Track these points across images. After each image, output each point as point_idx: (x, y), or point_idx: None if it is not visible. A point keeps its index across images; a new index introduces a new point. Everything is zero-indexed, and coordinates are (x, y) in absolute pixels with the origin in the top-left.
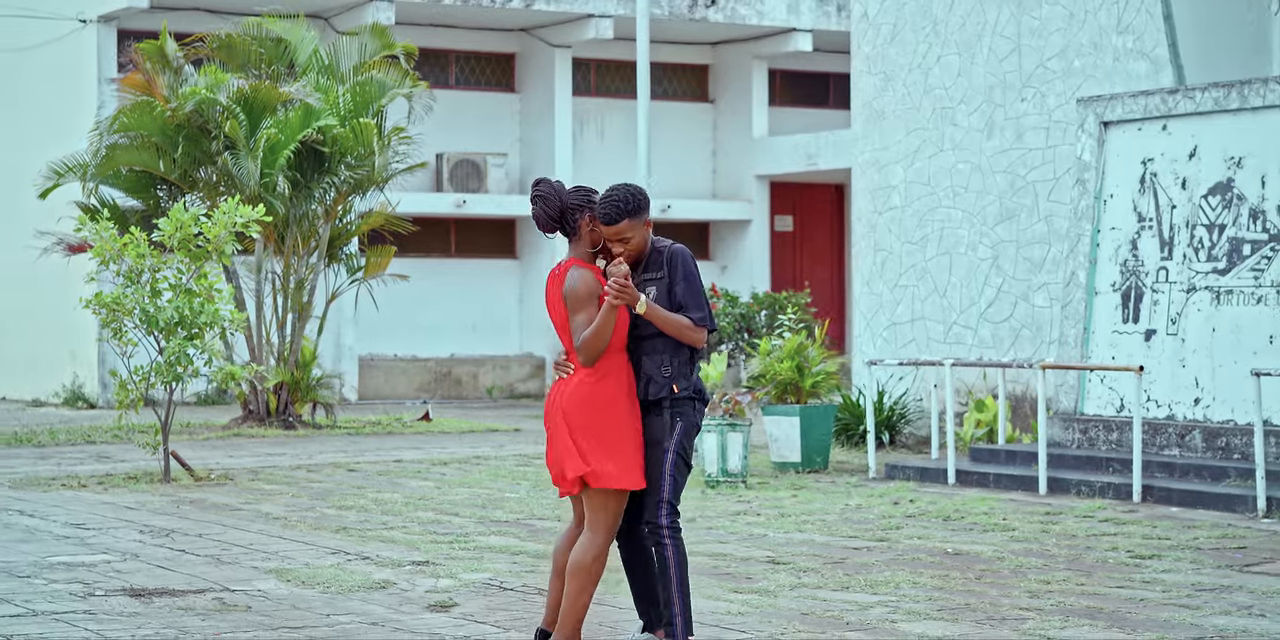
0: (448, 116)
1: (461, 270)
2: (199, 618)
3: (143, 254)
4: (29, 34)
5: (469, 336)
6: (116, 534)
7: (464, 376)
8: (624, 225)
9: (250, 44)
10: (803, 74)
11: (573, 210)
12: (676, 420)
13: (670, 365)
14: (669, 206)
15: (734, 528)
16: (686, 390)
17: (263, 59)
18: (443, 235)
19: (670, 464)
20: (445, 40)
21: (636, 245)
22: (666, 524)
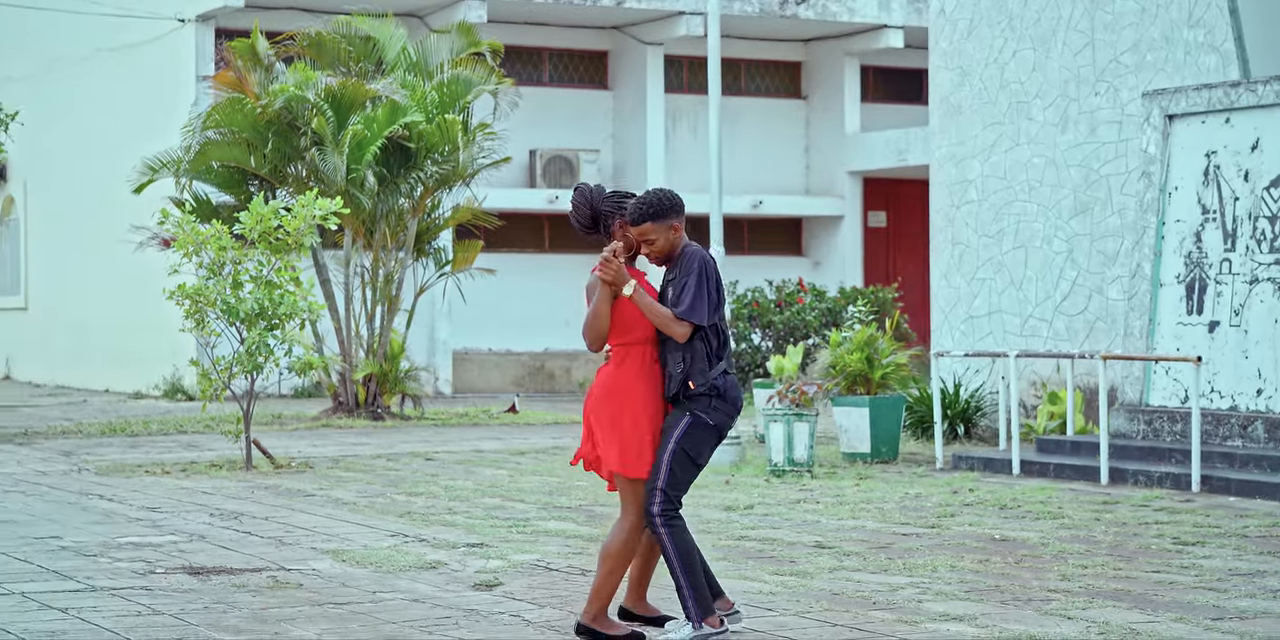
0: (541, 113)
1: (555, 265)
2: (250, 594)
3: (224, 246)
4: (129, 33)
5: (562, 331)
6: (187, 517)
7: (557, 371)
8: (647, 227)
9: (339, 42)
10: (894, 70)
11: (606, 216)
12: (687, 415)
13: (684, 362)
14: (760, 202)
15: (789, 514)
16: (703, 387)
17: (351, 57)
18: (536, 231)
19: (670, 453)
20: (539, 38)
21: (660, 247)
22: (657, 511)
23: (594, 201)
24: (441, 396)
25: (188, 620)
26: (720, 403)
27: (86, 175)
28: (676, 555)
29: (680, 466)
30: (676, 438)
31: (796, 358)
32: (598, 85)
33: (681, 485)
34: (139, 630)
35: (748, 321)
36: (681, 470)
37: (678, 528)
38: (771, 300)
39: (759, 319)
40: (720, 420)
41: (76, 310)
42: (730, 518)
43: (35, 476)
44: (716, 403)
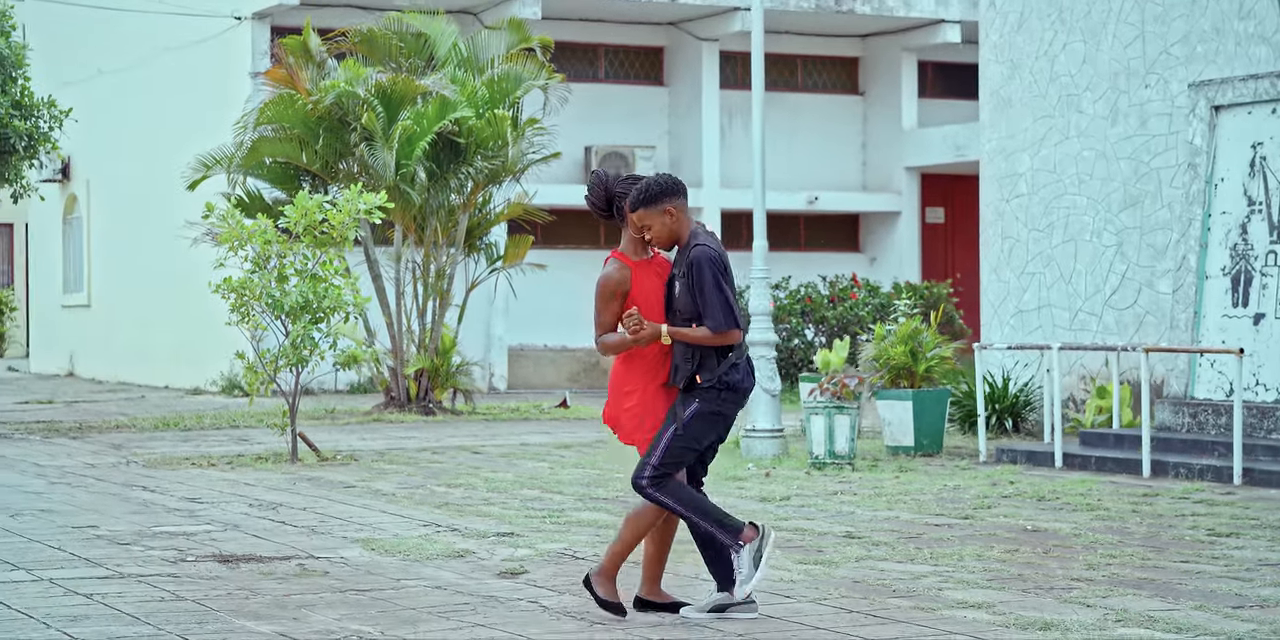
0: (596, 110)
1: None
2: (275, 581)
3: (269, 240)
4: (187, 32)
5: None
6: (226, 507)
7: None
8: (640, 213)
9: (390, 38)
10: (952, 65)
11: (619, 198)
12: (693, 402)
13: (694, 358)
14: (816, 198)
15: (825, 506)
16: (710, 381)
17: (402, 53)
18: (591, 227)
19: (671, 433)
20: (594, 34)
21: (659, 233)
22: (646, 484)
23: (608, 185)
24: (496, 392)
25: (210, 605)
26: (729, 394)
27: (145, 173)
28: (677, 503)
29: (678, 448)
30: (684, 421)
31: (843, 352)
32: (653, 81)
33: (674, 465)
34: (159, 614)
35: (800, 317)
36: (678, 451)
37: (669, 485)
38: (824, 296)
39: (811, 314)
40: (728, 409)
41: (137, 307)
42: (765, 509)
43: (83, 469)
44: (726, 394)
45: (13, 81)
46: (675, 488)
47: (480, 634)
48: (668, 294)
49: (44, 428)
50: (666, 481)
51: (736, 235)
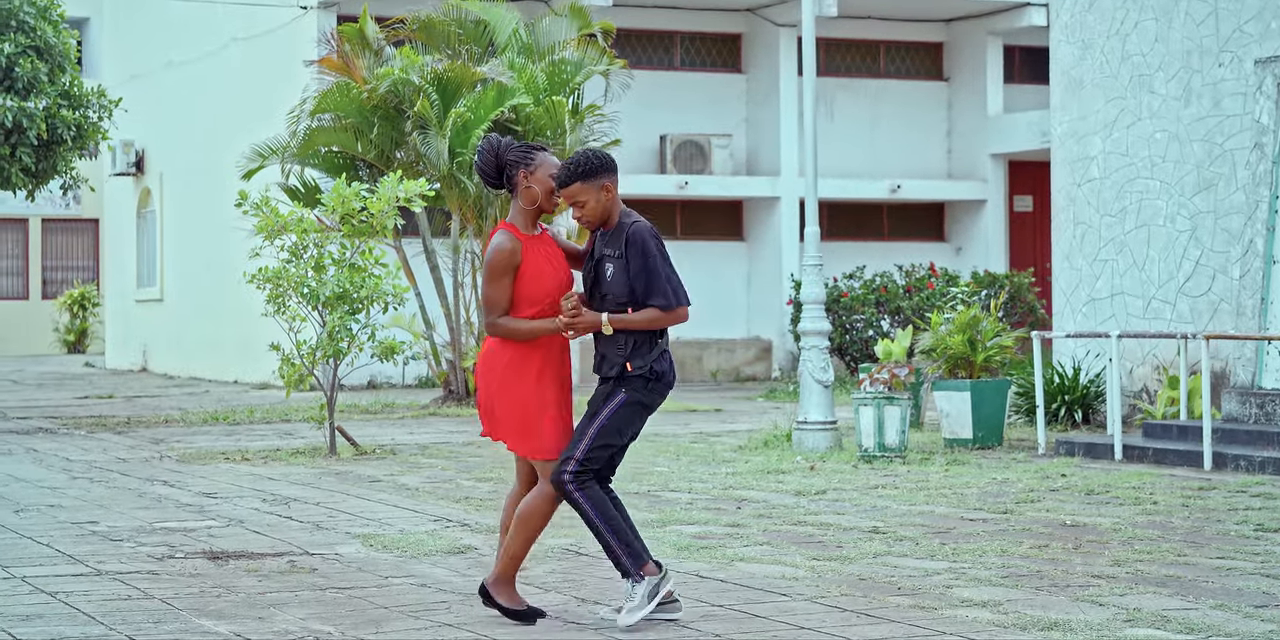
0: (672, 98)
1: (686, 252)
2: (257, 579)
3: (306, 229)
4: (257, 23)
5: (694, 319)
6: (238, 503)
7: (688, 359)
8: (575, 187)
9: (449, 25)
10: (1038, 49)
11: (510, 165)
12: (619, 391)
13: (626, 346)
14: (899, 187)
15: (860, 500)
16: (641, 369)
17: (461, 40)
18: (667, 217)
19: (598, 428)
20: (670, 21)
21: (592, 210)
22: (569, 480)
23: (499, 151)
24: None
25: (175, 605)
26: (656, 384)
27: (213, 165)
28: (595, 513)
29: (603, 440)
30: (608, 414)
31: (905, 341)
32: (730, 69)
33: (599, 459)
34: (117, 614)
35: (875, 307)
36: (603, 444)
37: (589, 487)
38: (900, 285)
39: (886, 305)
40: (654, 400)
41: (208, 301)
42: (797, 503)
43: (113, 463)
44: (653, 385)
45: (61, 71)
46: (597, 493)
47: (445, 634)
48: (593, 277)
49: (92, 422)
50: (590, 480)
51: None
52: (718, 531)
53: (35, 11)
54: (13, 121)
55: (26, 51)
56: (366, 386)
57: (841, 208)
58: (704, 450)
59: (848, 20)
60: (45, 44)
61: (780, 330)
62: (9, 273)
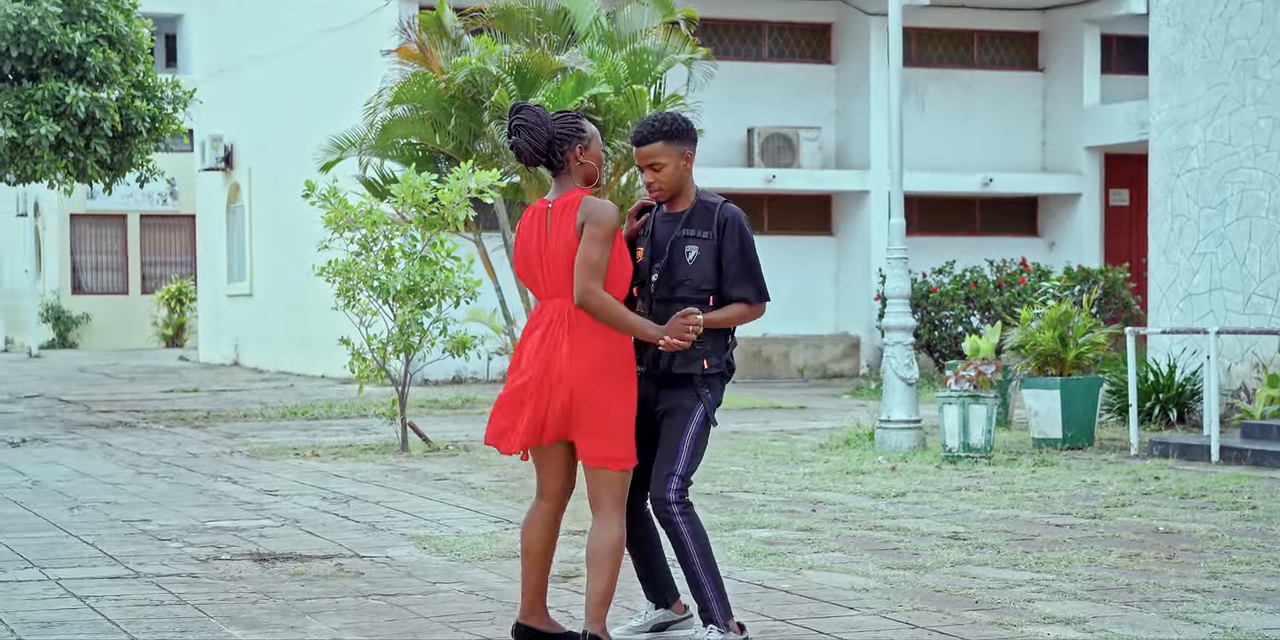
0: (759, 90)
1: (774, 247)
2: (299, 583)
3: (375, 222)
4: (340, 13)
5: (781, 315)
6: (298, 501)
7: (774, 355)
8: (657, 147)
9: (529, 14)
10: (1136, 38)
11: (561, 141)
12: (705, 393)
13: (705, 341)
14: (991, 180)
15: (941, 503)
16: (718, 367)
17: (540, 28)
18: (754, 211)
19: (691, 438)
20: (757, 11)
21: (669, 176)
22: (675, 499)
23: (549, 124)
24: None
25: (207, 612)
26: (728, 382)
27: (298, 159)
28: (697, 548)
29: (699, 450)
30: (699, 421)
31: (993, 338)
32: (820, 60)
33: (696, 468)
34: (143, 622)
35: (964, 303)
36: (699, 453)
37: (695, 516)
38: (990, 281)
39: (976, 300)
40: (724, 396)
41: (294, 296)
42: (875, 506)
43: (182, 458)
44: (726, 380)
45: (134, 62)
46: (699, 525)
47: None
48: (666, 259)
49: (172, 417)
50: (691, 503)
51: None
52: (789, 536)
53: (107, 0)
54: (86, 112)
55: (98, 41)
56: (451, 381)
57: (932, 202)
58: (783, 449)
59: (940, 9)
60: (117, 33)
61: (869, 326)
62: (109, 268)
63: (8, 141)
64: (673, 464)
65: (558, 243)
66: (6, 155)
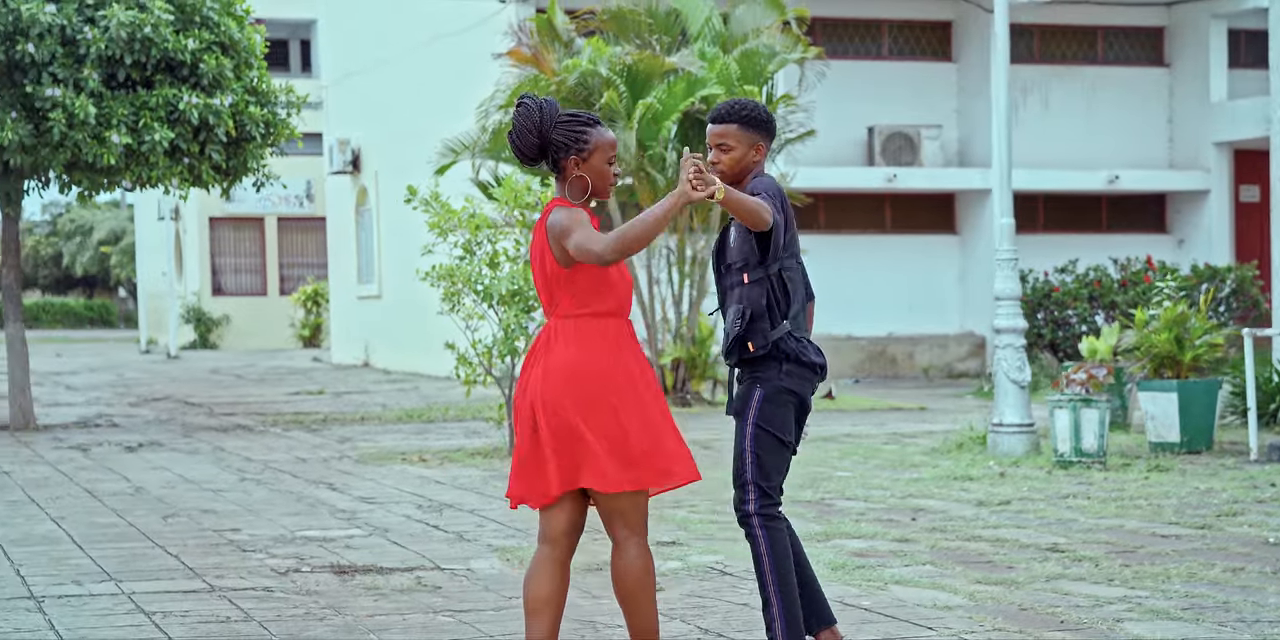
0: (879, 88)
1: (897, 246)
2: (373, 599)
3: (479, 225)
4: (461, 17)
5: (905, 314)
6: (392, 509)
7: (899, 355)
8: (731, 129)
9: (640, 15)
10: (1264, 33)
11: (558, 148)
12: (755, 387)
13: (742, 318)
14: (1117, 177)
15: (1046, 511)
16: (764, 349)
17: (651, 29)
18: (876, 210)
19: (750, 439)
20: (877, 9)
21: (734, 160)
22: (754, 510)
23: (542, 124)
24: None
25: (271, 630)
26: (794, 366)
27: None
28: (772, 565)
29: (766, 450)
30: (753, 419)
31: (1111, 338)
32: (941, 58)
33: (773, 472)
34: None
35: (1087, 302)
36: (768, 454)
37: (778, 530)
38: (1114, 279)
39: (1100, 299)
40: (798, 385)
41: (421, 297)
42: (977, 515)
43: (289, 463)
44: (789, 367)
45: (247, 68)
46: (782, 541)
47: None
48: (717, 248)
49: (291, 419)
50: (778, 516)
51: (1031, 217)
52: (882, 547)
53: (219, 7)
54: (199, 118)
55: (211, 47)
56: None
57: (1058, 199)
58: (894, 453)
59: (1064, 6)
60: (229, 40)
61: None
62: (248, 270)
63: (123, 148)
64: (742, 473)
65: (534, 259)
66: (122, 161)
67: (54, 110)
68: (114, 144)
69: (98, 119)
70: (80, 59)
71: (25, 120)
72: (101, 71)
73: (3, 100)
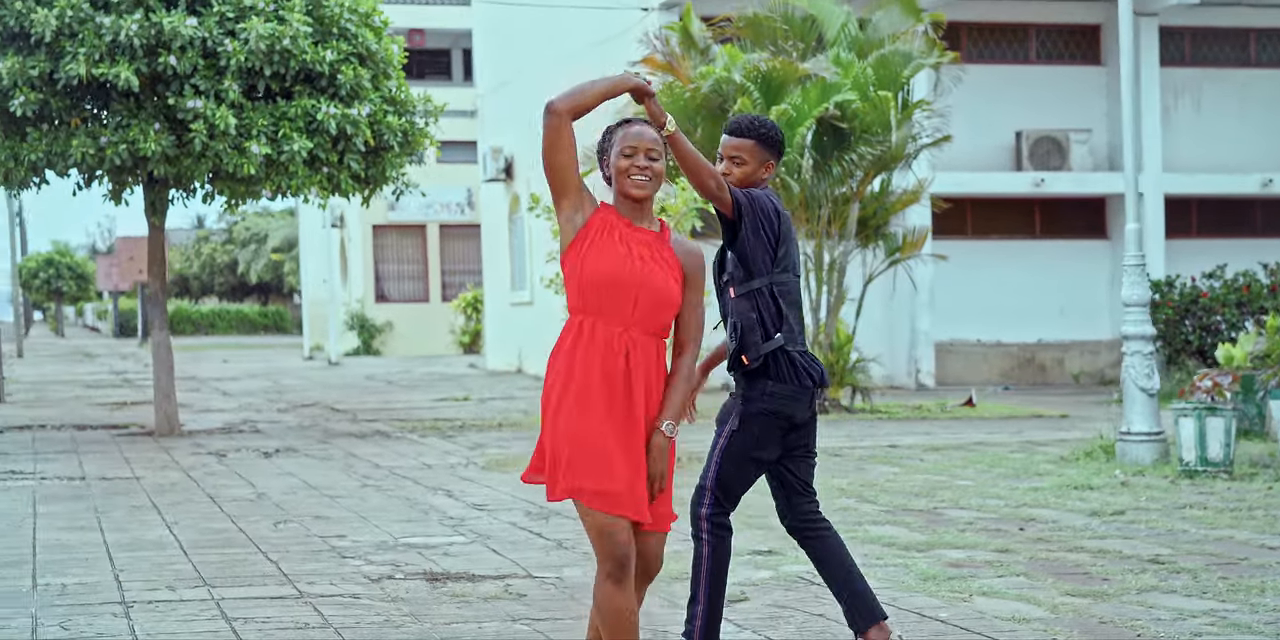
0: (1027, 92)
1: (1046, 252)
2: (455, 606)
3: None
4: (609, 25)
5: (1055, 320)
6: (501, 516)
7: (1048, 362)
8: (748, 143)
9: (775, 22)
10: None
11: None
12: (738, 404)
13: (736, 331)
14: (1270, 181)
15: (1158, 522)
16: (757, 361)
17: (787, 36)
18: (1025, 215)
19: (720, 450)
20: (1024, 13)
21: (744, 174)
22: (705, 514)
23: None
24: (924, 389)
25: (345, 636)
26: (780, 386)
27: None
28: (709, 569)
29: (732, 463)
30: (728, 431)
31: (1248, 345)
32: (1089, 61)
33: (734, 485)
34: None
35: (1235, 308)
36: (733, 467)
37: (722, 538)
38: (1264, 285)
39: (1248, 305)
40: (783, 405)
41: None
42: (1087, 525)
43: (414, 470)
44: (774, 387)
45: (385, 78)
46: (723, 543)
47: None
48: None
49: (429, 426)
50: (727, 523)
51: (1183, 222)
52: (980, 558)
53: (357, 18)
54: (337, 128)
55: (349, 58)
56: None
57: (1209, 203)
58: (1021, 461)
59: (1214, 8)
60: (367, 51)
61: None
62: (410, 277)
63: (262, 158)
64: (704, 476)
65: None
66: (262, 171)
67: (195, 121)
68: (254, 154)
69: (238, 130)
70: (221, 71)
71: (168, 132)
72: (241, 83)
73: (146, 112)
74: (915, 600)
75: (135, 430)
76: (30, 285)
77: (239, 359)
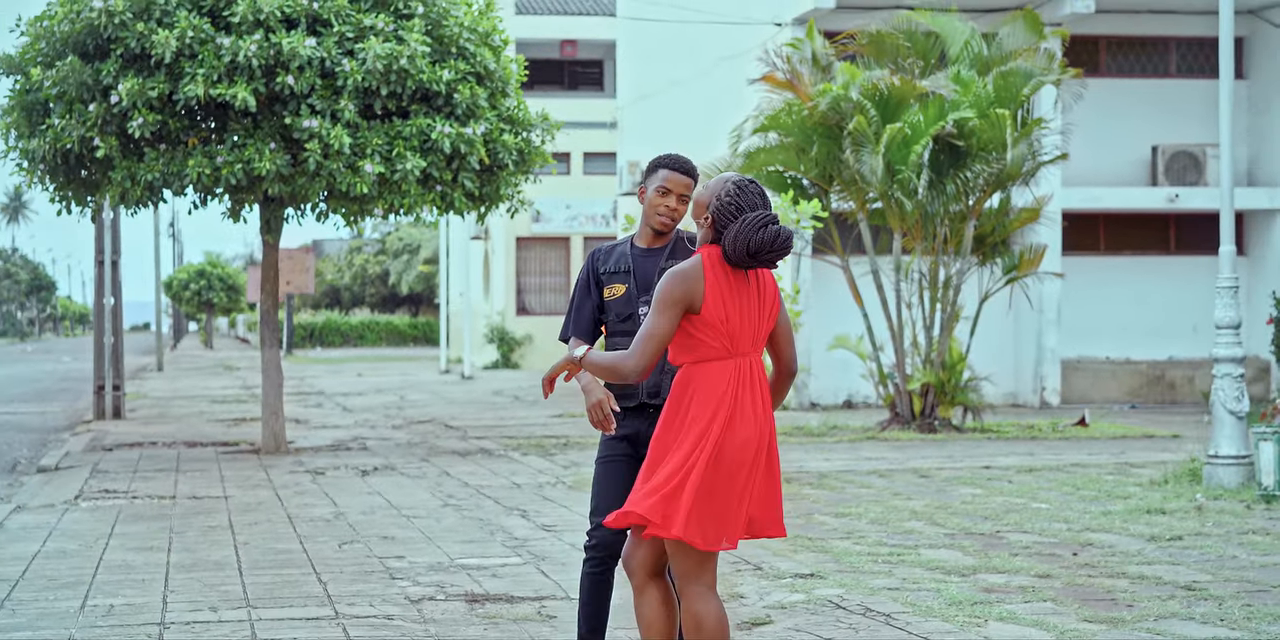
0: (1163, 106)
1: (1181, 268)
2: (483, 628)
3: None
4: (739, 41)
5: (1188, 337)
6: (565, 537)
7: (1178, 380)
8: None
9: (898, 39)
10: None
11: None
12: None
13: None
14: None
15: (1212, 548)
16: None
17: (910, 53)
18: (1159, 231)
19: None
20: (1161, 27)
21: (682, 216)
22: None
23: None
24: (1049, 408)
25: None
26: None
27: None
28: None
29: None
30: None
31: None
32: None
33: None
34: None
35: None
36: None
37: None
38: None
39: None
40: None
41: None
42: (1141, 550)
43: (500, 489)
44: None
45: (503, 96)
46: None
47: None
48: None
49: (533, 444)
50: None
51: None
52: (1017, 583)
53: (476, 37)
54: (451, 147)
55: (466, 78)
56: (843, 406)
57: None
58: (1109, 484)
59: None
60: (485, 70)
61: None
62: (552, 289)
63: (376, 177)
64: None
65: None
66: (375, 190)
67: (310, 141)
68: (367, 173)
69: (352, 149)
70: (338, 91)
71: (283, 151)
72: (358, 102)
73: (262, 131)
74: (928, 626)
75: (244, 448)
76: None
77: (375, 373)
